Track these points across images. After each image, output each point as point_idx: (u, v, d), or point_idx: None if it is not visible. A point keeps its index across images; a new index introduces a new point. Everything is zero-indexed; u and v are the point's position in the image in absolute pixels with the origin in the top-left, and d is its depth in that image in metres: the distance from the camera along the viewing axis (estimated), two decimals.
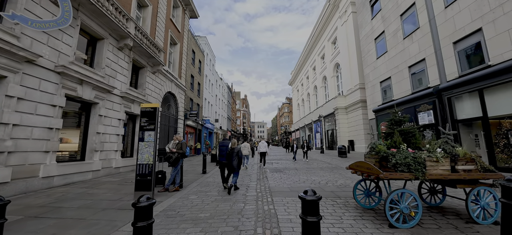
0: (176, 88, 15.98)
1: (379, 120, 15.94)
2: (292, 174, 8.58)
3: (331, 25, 28.81)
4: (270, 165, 11.73)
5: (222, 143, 6.26)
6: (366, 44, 18.14)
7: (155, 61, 11.97)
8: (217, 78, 34.12)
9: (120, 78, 9.52)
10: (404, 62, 13.65)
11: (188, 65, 19.17)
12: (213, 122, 29.09)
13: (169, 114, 15.02)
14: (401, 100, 13.63)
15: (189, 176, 8.50)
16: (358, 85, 21.14)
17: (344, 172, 8.89)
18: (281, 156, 18.82)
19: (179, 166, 6.13)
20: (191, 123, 19.35)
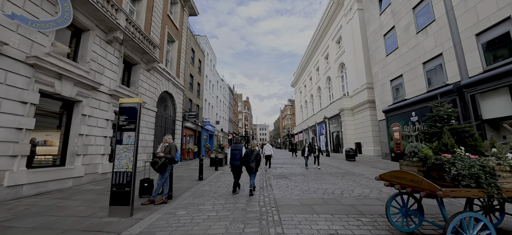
0: (174, 87, 15.11)
1: (389, 121, 14.89)
2: (300, 181, 7.58)
3: (335, 24, 27.92)
4: (274, 170, 10.74)
5: (234, 146, 6.11)
6: (374, 41, 17.16)
7: (150, 57, 11.11)
8: (218, 79, 33.29)
9: (108, 74, 8.65)
10: (418, 58, 12.64)
11: (187, 64, 18.34)
12: (213, 124, 28.17)
13: (165, 115, 14.13)
14: (414, 99, 12.60)
15: (183, 183, 7.54)
16: (365, 85, 20.12)
17: (357, 178, 7.87)
18: (285, 160, 17.79)
19: (167, 173, 5.18)
20: (190, 125, 18.45)
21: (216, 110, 30.42)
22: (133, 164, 4.25)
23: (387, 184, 3.27)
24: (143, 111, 11.05)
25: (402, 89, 14.14)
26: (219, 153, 13.04)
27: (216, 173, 10.00)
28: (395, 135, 14.26)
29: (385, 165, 12.41)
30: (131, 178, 4.19)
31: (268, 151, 11.65)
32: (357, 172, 9.68)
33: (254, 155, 5.79)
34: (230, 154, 6.07)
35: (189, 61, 18.86)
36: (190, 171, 10.80)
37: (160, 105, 13.50)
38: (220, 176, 8.98)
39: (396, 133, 14.15)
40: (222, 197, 5.39)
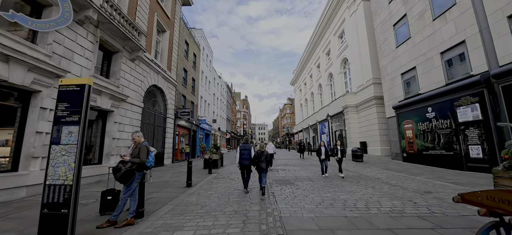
0: (164, 81, 13.72)
1: (400, 118, 13.63)
2: (308, 188, 6.26)
3: (337, 17, 26.63)
4: (276, 173, 9.42)
5: (243, 146, 6.24)
6: (382, 32, 15.89)
7: (134, 45, 9.73)
8: (215, 75, 31.89)
9: (79, 61, 7.26)
10: (435, 48, 11.37)
11: (180, 57, 16.95)
12: (210, 122, 26.79)
13: (154, 111, 12.74)
14: (430, 93, 11.33)
15: (167, 191, 6.19)
16: (371, 80, 18.85)
17: (376, 184, 6.58)
18: (287, 160, 16.46)
19: (136, 183, 3.83)
20: (183, 123, 17.07)
21: (212, 108, 29.04)
22: (75, 174, 2.90)
23: (484, 212, 1.93)
24: (126, 107, 9.67)
25: (415, 83, 12.87)
26: (214, 153, 11.70)
27: (209, 177, 8.66)
28: (407, 133, 12.99)
29: (398, 167, 11.14)
30: (70, 195, 2.84)
31: (270, 150, 12.14)
32: (372, 176, 8.39)
33: (264, 156, 6.01)
34: (238, 154, 6.19)
35: (182, 54, 17.47)
36: (179, 174, 9.45)
37: (148, 100, 12.12)
38: (213, 181, 7.64)
39: (409, 131, 12.89)
40: (210, 215, 4.05)
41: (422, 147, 11.85)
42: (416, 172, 9.23)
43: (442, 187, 6.36)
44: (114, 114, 8.93)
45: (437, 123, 10.95)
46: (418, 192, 5.72)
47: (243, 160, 6.05)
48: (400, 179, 7.73)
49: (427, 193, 5.62)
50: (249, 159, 6.05)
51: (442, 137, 10.67)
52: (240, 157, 6.11)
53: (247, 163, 6.04)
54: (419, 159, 12.06)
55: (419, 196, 5.25)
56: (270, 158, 6.25)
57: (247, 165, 6.08)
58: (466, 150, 9.49)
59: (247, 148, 6.18)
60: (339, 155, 8.33)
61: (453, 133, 10.09)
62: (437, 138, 10.92)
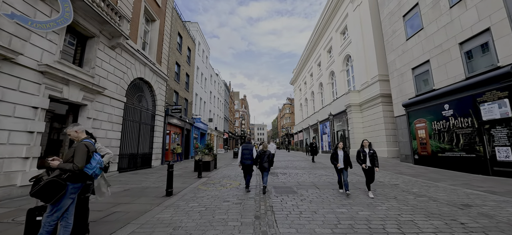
0: (153, 75, 12.47)
1: (411, 117, 12.46)
2: (315, 199, 5.04)
3: (340, 13, 25.51)
4: (276, 178, 8.19)
5: (245, 146, 6.32)
6: (391, 25, 14.73)
7: (114, 30, 8.50)
8: (212, 73, 30.63)
9: (39, 43, 6.02)
10: (452, 38, 10.21)
11: (172, 50, 15.71)
12: (206, 121, 25.53)
13: (140, 107, 11.49)
14: (447, 89, 10.17)
15: (138, 202, 4.96)
16: (377, 77, 17.68)
17: (399, 195, 5.37)
18: (287, 162, 15.23)
19: (67, 201, 2.58)
20: (176, 121, 15.82)
21: (209, 107, 27.78)
22: None
23: None
24: (103, 100, 8.42)
25: (429, 78, 11.71)
26: (205, 154, 10.46)
27: (197, 182, 7.42)
28: (420, 133, 11.82)
29: (411, 170, 9.96)
30: None
31: (272, 150, 12.00)
32: (386, 181, 7.19)
33: (267, 155, 6.10)
34: (240, 154, 6.25)
35: (174, 47, 16.23)
36: (164, 179, 8.19)
37: (132, 94, 10.86)
38: (200, 188, 6.40)
39: (421, 130, 11.72)
40: None
41: (437, 149, 10.67)
42: (435, 178, 8.04)
43: (478, 197, 5.18)
44: (88, 109, 7.68)
45: (455, 121, 9.78)
46: (454, 205, 4.53)
47: (245, 159, 6.12)
48: (421, 186, 6.54)
49: (466, 206, 4.44)
50: (251, 158, 6.12)
51: (461, 137, 9.50)
52: (242, 157, 6.18)
53: (248, 163, 6.10)
54: (433, 161, 10.89)
55: (460, 212, 4.06)
56: (272, 158, 6.39)
57: (249, 165, 6.12)
58: (492, 152, 8.31)
59: (249, 148, 6.25)
60: (368, 162, 5.40)
61: (475, 133, 8.92)
62: (456, 139, 9.75)
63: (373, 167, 5.41)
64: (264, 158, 6.03)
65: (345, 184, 5.44)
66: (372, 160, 5.42)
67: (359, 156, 5.62)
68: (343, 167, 5.66)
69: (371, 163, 5.43)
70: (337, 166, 5.73)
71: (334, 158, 5.82)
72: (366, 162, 5.43)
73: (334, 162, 5.78)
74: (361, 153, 5.59)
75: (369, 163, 5.42)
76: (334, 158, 5.82)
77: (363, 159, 5.51)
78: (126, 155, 10.00)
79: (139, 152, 11.16)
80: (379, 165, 5.59)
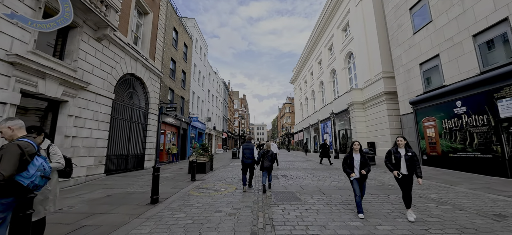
0: (145, 71, 11.76)
1: (419, 115, 11.77)
2: (322, 208, 4.34)
3: (341, 9, 24.83)
4: (276, 181, 7.48)
5: (246, 146, 6.33)
6: (396, 18, 14.05)
7: (99, 21, 7.79)
8: (211, 71, 29.90)
9: (8, 31, 5.32)
10: (465, 30, 9.52)
11: (167, 46, 14.99)
12: (203, 121, 24.81)
13: (131, 105, 10.78)
14: (459, 84, 9.49)
15: (117, 212, 4.27)
16: (381, 74, 17.01)
17: (417, 202, 4.68)
18: (288, 163, 14.52)
19: None
20: (171, 120, 15.11)
21: (207, 106, 27.06)
22: None
23: None
24: (87, 97, 7.72)
25: (438, 74, 11.03)
26: (200, 155, 9.76)
27: (190, 187, 6.72)
28: (428, 132, 11.14)
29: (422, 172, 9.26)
30: None
31: (274, 150, 11.17)
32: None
33: (269, 155, 6.11)
34: (241, 153, 6.28)
35: (170, 42, 15.51)
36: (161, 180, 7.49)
37: (122, 91, 10.16)
38: (191, 194, 5.70)
39: (430, 129, 11.03)
40: None
41: (448, 149, 9.99)
42: (450, 180, 7.36)
43: (508, 204, 4.51)
44: (68, 105, 6.97)
45: (469, 119, 9.10)
46: (486, 216, 3.85)
47: (246, 159, 6.11)
48: (439, 190, 5.85)
49: (501, 217, 3.76)
50: (251, 158, 6.11)
51: (476, 136, 8.81)
52: (243, 156, 6.17)
53: (249, 162, 6.10)
54: (444, 162, 10.21)
55: (498, 226, 3.38)
56: (275, 157, 6.49)
57: (250, 164, 6.13)
58: (511, 152, 7.64)
59: (250, 147, 6.25)
60: (404, 169, 3.79)
61: (491, 132, 8.24)
62: (470, 138, 9.07)
63: (412, 176, 3.74)
64: (267, 157, 6.01)
65: (358, 203, 3.85)
66: (412, 165, 3.74)
67: (390, 158, 4.00)
68: (360, 178, 4.02)
69: (408, 170, 3.73)
70: (351, 176, 4.00)
71: (348, 164, 4.13)
72: (400, 167, 3.82)
73: (347, 169, 4.12)
74: (393, 154, 3.95)
75: (405, 170, 3.76)
76: (348, 164, 4.13)
77: (395, 163, 3.89)
78: (115, 156, 9.30)
79: (130, 152, 10.45)
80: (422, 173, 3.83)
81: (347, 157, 4.20)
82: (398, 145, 4.01)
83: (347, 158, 4.20)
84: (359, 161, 4.06)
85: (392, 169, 3.90)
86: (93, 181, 7.58)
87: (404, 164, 3.80)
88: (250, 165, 6.15)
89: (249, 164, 6.11)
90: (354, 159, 4.12)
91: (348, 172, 4.08)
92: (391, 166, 3.95)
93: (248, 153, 6.15)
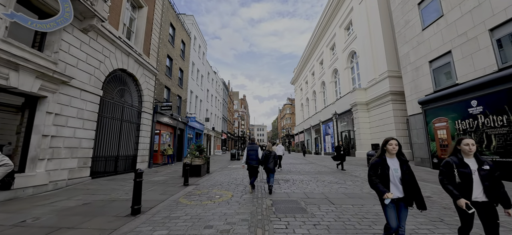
0: (139, 67, 11.09)
1: (429, 116, 11.08)
2: (334, 224, 3.64)
3: (344, 8, 24.23)
4: (278, 186, 6.78)
5: (250, 147, 6.36)
6: (403, 14, 13.38)
7: (85, 10, 7.12)
8: (210, 70, 29.23)
9: None
10: (481, 24, 8.84)
11: (163, 42, 14.34)
12: (202, 121, 24.11)
13: (123, 102, 10.10)
14: (475, 82, 8.80)
15: (88, 226, 3.57)
16: (387, 73, 16.34)
17: (444, 215, 3.97)
18: (290, 166, 13.81)
19: None
20: (167, 120, 14.42)
21: (206, 106, 26.38)
22: None
23: None
24: (70, 92, 7.03)
25: (450, 71, 10.35)
26: (196, 157, 9.07)
27: (181, 192, 6.03)
28: (440, 133, 10.44)
29: (433, 176, 8.57)
30: None
31: (280, 151, 11.37)
32: None
33: (272, 156, 6.11)
34: (246, 155, 6.28)
35: (166, 39, 14.85)
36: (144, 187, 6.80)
37: (112, 87, 9.48)
38: (181, 203, 5.00)
39: (441, 131, 10.34)
40: None
41: None
42: None
43: None
44: (47, 101, 6.28)
45: (486, 120, 8.40)
46: None
47: (250, 160, 6.15)
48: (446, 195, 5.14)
49: None
50: (256, 159, 6.14)
51: (494, 138, 8.11)
52: (248, 157, 6.21)
53: (254, 164, 6.13)
54: None
55: None
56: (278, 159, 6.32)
57: (255, 166, 6.15)
58: None
59: (254, 148, 6.28)
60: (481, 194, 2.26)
61: None
62: (487, 140, 8.37)
63: (494, 203, 2.25)
64: (270, 159, 6.03)
65: None
66: (494, 187, 2.26)
67: (450, 175, 2.41)
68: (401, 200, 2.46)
69: (488, 195, 2.25)
70: (386, 197, 2.36)
71: (380, 174, 2.53)
72: (472, 191, 2.27)
73: (378, 184, 2.48)
74: (456, 169, 2.38)
75: (483, 195, 2.26)
76: (380, 174, 2.53)
77: (463, 183, 2.32)
78: (102, 157, 8.61)
79: (121, 154, 9.76)
80: None
81: (377, 164, 2.57)
82: (463, 152, 2.41)
83: (377, 166, 2.56)
84: (400, 171, 2.48)
85: (458, 196, 2.27)
86: (75, 186, 6.88)
87: (480, 184, 2.27)
88: (255, 167, 6.18)
89: (255, 167, 6.16)
90: (389, 167, 2.50)
91: (380, 189, 2.44)
92: (454, 189, 2.32)
93: (253, 154, 6.18)
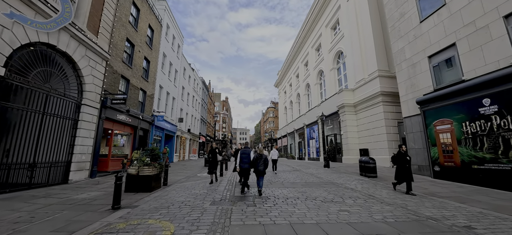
0: (78, 46, 8.48)
1: (429, 117, 9.77)
2: None
3: (330, 6, 23.20)
4: (262, 202, 4.70)
5: (243, 151, 6.50)
6: (397, 7, 12.20)
7: None
8: (187, 66, 26.55)
9: None
10: (494, 10, 7.64)
11: (121, 22, 11.73)
12: (174, 121, 21.38)
13: (47, 89, 7.42)
14: (486, 77, 7.56)
15: None
16: (377, 73, 15.15)
17: None
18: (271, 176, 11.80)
19: None
20: (123, 117, 11.74)
21: (180, 104, 23.63)
22: None
23: None
24: None
25: (454, 66, 9.11)
26: (145, 165, 6.70)
27: (88, 228, 3.68)
28: (443, 137, 9.11)
29: (437, 188, 7.04)
30: None
31: (274, 156, 11.92)
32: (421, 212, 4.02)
33: (263, 159, 6.23)
34: (239, 158, 6.51)
35: (126, 19, 12.24)
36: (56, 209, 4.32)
37: (29, 68, 6.82)
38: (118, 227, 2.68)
39: (445, 134, 9.01)
40: None
41: (471, 158, 7.95)
42: (490, 203, 5.14)
43: None
44: None
45: (502, 121, 7.09)
46: None
47: (243, 164, 6.38)
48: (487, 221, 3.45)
49: None
50: (248, 162, 6.33)
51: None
52: (240, 161, 6.44)
53: (246, 167, 6.35)
54: (464, 175, 8.17)
55: None
56: (268, 162, 6.32)
57: (247, 169, 6.37)
58: None
59: (247, 152, 6.49)
60: None
61: None
62: (503, 145, 7.05)
63: None
64: (260, 162, 6.14)
65: None
66: None
67: None
68: None
69: None
70: None
71: None
72: None
73: None
74: None
75: None
76: None
77: None
78: (3, 165, 5.91)
79: (41, 160, 7.07)
80: None
81: None
82: None
83: None
84: None
85: None
86: None
87: None
88: (247, 170, 6.38)
89: (246, 169, 6.35)
90: None
91: None
92: None
93: (245, 158, 6.36)
